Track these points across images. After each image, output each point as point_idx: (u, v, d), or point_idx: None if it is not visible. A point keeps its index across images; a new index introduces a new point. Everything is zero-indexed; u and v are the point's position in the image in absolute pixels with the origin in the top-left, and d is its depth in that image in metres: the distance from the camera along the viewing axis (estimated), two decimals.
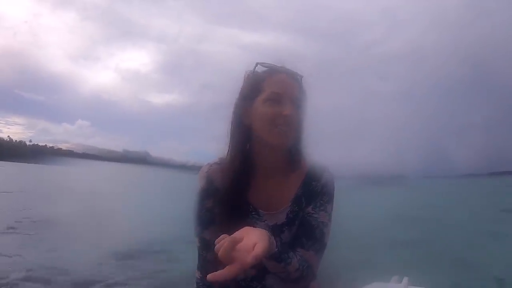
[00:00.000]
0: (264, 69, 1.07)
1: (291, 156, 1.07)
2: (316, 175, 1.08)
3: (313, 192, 1.07)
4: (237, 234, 0.80)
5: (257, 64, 1.06)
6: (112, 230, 8.30)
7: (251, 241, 0.79)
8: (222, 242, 0.76)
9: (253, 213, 1.06)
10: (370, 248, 7.73)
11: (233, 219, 1.00)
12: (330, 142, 1.16)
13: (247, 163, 1.05)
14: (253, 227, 1.01)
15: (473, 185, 50.51)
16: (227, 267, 0.76)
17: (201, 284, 1.08)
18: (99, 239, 7.57)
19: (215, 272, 0.75)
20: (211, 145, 1.15)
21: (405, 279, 2.49)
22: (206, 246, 1.05)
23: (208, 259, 1.05)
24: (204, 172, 1.09)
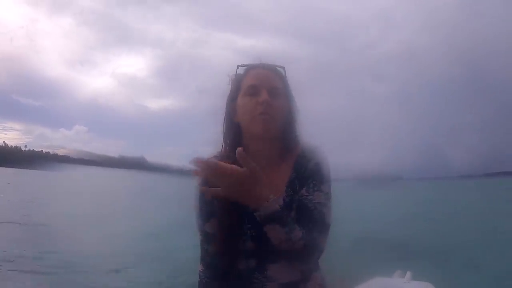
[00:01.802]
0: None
1: (282, 144, 1.11)
2: (307, 156, 1.11)
3: (305, 174, 1.09)
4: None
5: (238, 66, 1.15)
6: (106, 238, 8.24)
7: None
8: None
9: None
10: (367, 248, 7.75)
11: (232, 210, 1.03)
12: (326, 143, 1.18)
13: None
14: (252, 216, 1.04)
15: (469, 186, 50.66)
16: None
17: (203, 276, 1.10)
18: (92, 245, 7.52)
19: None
20: (208, 149, 1.17)
21: (408, 274, 2.49)
22: (207, 239, 1.07)
23: (210, 252, 1.07)
24: None
